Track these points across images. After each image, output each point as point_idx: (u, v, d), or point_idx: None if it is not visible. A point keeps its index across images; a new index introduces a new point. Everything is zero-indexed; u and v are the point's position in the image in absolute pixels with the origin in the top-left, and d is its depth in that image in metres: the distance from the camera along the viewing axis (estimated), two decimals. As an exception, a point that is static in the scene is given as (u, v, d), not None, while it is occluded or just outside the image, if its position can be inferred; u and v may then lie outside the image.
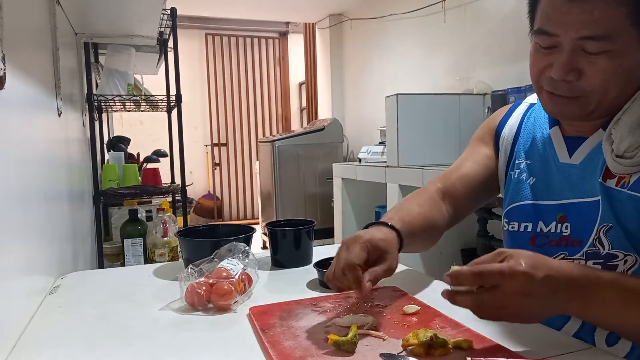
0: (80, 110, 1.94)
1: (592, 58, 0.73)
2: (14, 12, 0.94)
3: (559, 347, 0.67)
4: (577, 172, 0.83)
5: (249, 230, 1.10)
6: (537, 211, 0.87)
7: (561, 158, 0.86)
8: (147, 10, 1.76)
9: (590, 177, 0.81)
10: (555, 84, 0.77)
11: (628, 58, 0.73)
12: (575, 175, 0.83)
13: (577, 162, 0.84)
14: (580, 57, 0.74)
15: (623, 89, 0.76)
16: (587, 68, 0.74)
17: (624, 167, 0.75)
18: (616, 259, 0.77)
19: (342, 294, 0.88)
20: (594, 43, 0.72)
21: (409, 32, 3.61)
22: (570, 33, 0.73)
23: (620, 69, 0.73)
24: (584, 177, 0.82)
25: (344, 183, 3.40)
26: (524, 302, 0.63)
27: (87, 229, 1.93)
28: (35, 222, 1.02)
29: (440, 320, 0.76)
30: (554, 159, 0.87)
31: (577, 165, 0.83)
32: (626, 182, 0.75)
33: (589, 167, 0.81)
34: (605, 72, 0.73)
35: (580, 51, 0.74)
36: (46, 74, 1.32)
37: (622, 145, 0.75)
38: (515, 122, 0.98)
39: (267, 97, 6.28)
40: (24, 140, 0.98)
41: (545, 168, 0.88)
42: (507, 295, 0.63)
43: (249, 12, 4.95)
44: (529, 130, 0.94)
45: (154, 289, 0.99)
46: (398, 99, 2.58)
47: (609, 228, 0.77)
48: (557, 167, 0.86)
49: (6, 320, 0.75)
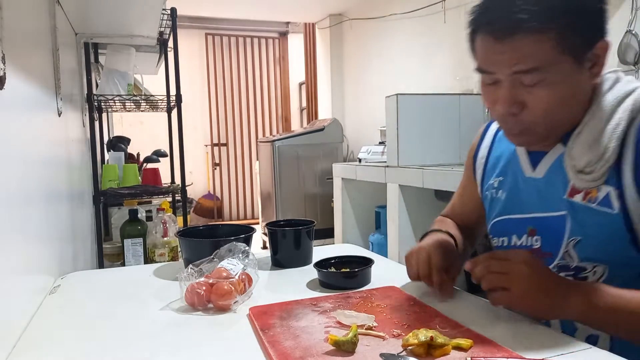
0: (80, 110, 1.94)
1: (530, 89, 0.76)
2: (14, 12, 0.94)
3: (559, 347, 0.67)
4: (541, 186, 0.86)
5: (249, 230, 1.10)
6: (510, 225, 0.92)
7: (526, 172, 0.89)
8: (147, 10, 1.76)
9: (554, 190, 0.83)
10: (503, 118, 0.80)
11: (566, 83, 0.75)
12: (540, 189, 0.86)
13: (540, 176, 0.86)
14: (520, 90, 0.76)
15: (570, 110, 0.79)
16: (528, 100, 0.76)
17: (586, 182, 0.77)
18: (586, 271, 0.80)
19: (342, 293, 0.90)
20: (528, 76, 0.75)
21: (409, 32, 3.61)
22: (505, 70, 0.76)
23: (560, 94, 0.76)
24: (549, 191, 0.84)
25: (344, 183, 3.40)
26: (525, 271, 0.71)
27: (87, 229, 1.93)
28: (35, 222, 1.02)
29: (440, 320, 0.76)
30: (521, 173, 0.90)
31: (541, 179, 0.86)
32: (593, 197, 0.78)
33: (552, 180, 0.84)
34: (546, 101, 0.76)
35: (519, 84, 0.76)
36: (46, 74, 1.32)
37: (582, 161, 0.77)
38: (488, 142, 1.02)
39: (267, 97, 6.28)
40: (24, 140, 0.98)
41: (514, 182, 0.92)
42: (512, 263, 0.73)
43: (249, 12, 4.95)
44: (500, 148, 0.98)
45: (154, 289, 0.99)
46: (398, 99, 2.58)
47: (578, 242, 0.79)
48: (524, 181, 0.89)
49: (6, 320, 0.75)
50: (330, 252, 1.11)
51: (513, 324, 0.77)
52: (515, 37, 0.73)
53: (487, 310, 0.83)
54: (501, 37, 0.74)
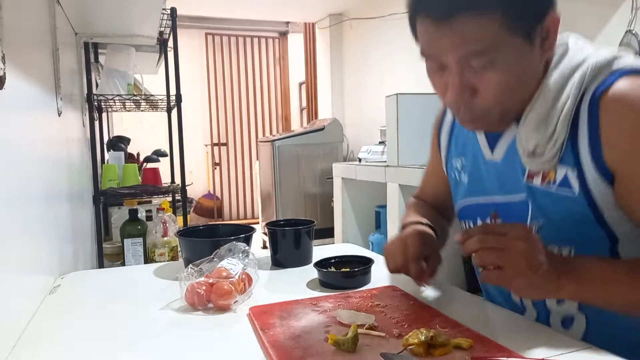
0: (80, 110, 1.94)
1: (480, 73, 0.70)
2: (14, 12, 0.94)
3: (559, 347, 0.67)
4: (501, 169, 0.82)
5: (249, 230, 1.10)
6: (475, 209, 0.89)
7: (486, 155, 0.85)
8: (147, 10, 1.76)
9: (513, 174, 0.80)
10: (455, 105, 0.75)
11: (517, 64, 0.70)
12: (500, 172, 0.83)
13: (499, 159, 0.83)
14: (469, 74, 0.71)
15: (523, 91, 0.74)
16: (478, 84, 0.71)
17: (538, 165, 0.74)
18: None
19: (342, 293, 0.90)
20: (476, 59, 0.69)
21: (409, 31, 3.60)
22: (450, 55, 0.71)
23: (512, 76, 0.70)
24: (508, 174, 0.81)
25: (344, 183, 3.40)
26: (524, 249, 0.65)
27: (87, 229, 1.93)
28: (35, 222, 1.02)
29: (441, 319, 0.76)
30: (481, 156, 0.86)
31: (499, 162, 0.83)
32: (551, 179, 0.74)
33: (510, 163, 0.80)
34: (497, 85, 0.71)
35: (468, 68, 0.71)
36: (46, 74, 1.32)
37: (530, 144, 0.74)
38: (451, 117, 0.97)
39: (267, 97, 6.28)
40: (24, 140, 0.98)
41: (476, 165, 0.88)
42: (510, 239, 0.66)
43: (249, 12, 4.95)
44: (460, 127, 0.91)
45: (154, 289, 0.99)
46: (398, 98, 2.58)
47: (541, 226, 0.77)
48: (485, 164, 0.86)
49: (6, 320, 0.75)
50: (330, 252, 1.11)
51: (513, 324, 0.77)
52: (457, 19, 0.68)
53: (487, 310, 0.83)
54: (441, 19, 0.69)
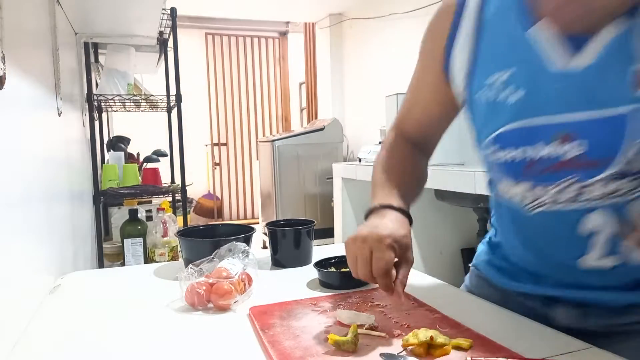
0: (80, 110, 1.94)
1: None
2: (14, 12, 0.94)
3: (559, 347, 0.67)
4: (585, 79, 0.65)
5: (249, 230, 1.10)
6: (527, 134, 0.70)
7: (557, 64, 0.67)
8: (147, 10, 1.76)
9: (607, 84, 0.64)
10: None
11: None
12: (582, 84, 0.65)
13: (582, 67, 0.65)
14: None
15: None
16: None
17: None
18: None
19: (342, 293, 0.90)
20: None
21: (409, 31, 3.61)
22: None
23: None
24: (597, 85, 0.65)
25: (344, 183, 3.40)
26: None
27: (87, 229, 1.93)
28: (35, 222, 1.02)
29: (440, 320, 0.76)
30: (542, 66, 0.68)
31: (580, 70, 0.65)
32: None
33: (605, 69, 0.64)
34: None
35: None
36: (46, 73, 1.32)
37: None
38: (471, 26, 0.75)
39: (267, 97, 6.29)
40: (24, 140, 0.98)
41: (531, 77, 0.69)
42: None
43: (249, 12, 4.95)
44: (498, 22, 0.72)
45: (154, 289, 0.99)
46: (398, 98, 2.58)
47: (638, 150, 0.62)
48: (548, 76, 0.67)
49: (6, 320, 0.75)
50: (330, 252, 1.11)
51: (513, 324, 0.77)
52: None
53: (487, 310, 0.83)
54: None
